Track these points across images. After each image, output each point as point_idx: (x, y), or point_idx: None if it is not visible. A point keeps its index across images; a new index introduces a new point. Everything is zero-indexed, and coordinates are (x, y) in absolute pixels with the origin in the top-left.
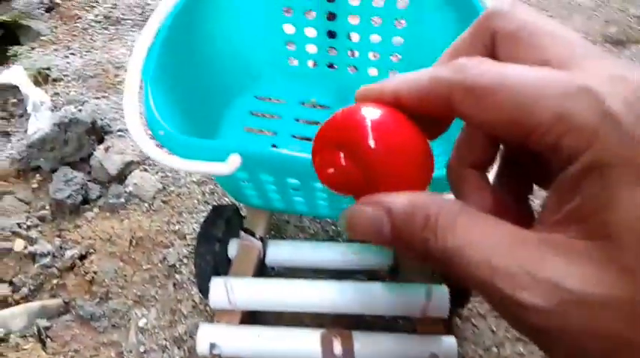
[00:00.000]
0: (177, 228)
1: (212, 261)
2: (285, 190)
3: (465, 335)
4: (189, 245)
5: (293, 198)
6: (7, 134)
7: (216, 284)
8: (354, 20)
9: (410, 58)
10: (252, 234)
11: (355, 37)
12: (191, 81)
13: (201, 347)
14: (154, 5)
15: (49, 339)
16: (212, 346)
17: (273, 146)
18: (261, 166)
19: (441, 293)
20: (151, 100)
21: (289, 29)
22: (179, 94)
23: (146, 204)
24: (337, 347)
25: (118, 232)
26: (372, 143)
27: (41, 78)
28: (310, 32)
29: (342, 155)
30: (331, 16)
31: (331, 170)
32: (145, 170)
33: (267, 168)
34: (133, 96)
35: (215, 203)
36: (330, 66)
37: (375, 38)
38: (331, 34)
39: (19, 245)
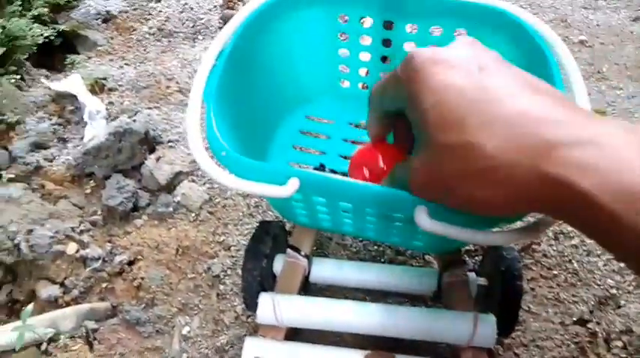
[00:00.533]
0: (222, 239)
1: (258, 276)
2: (336, 212)
3: None
4: (233, 256)
5: (342, 220)
6: (64, 140)
7: (264, 300)
8: (409, 47)
9: None
10: (298, 251)
11: None
12: (247, 101)
13: None
14: (205, 19)
15: (96, 341)
16: None
17: (322, 165)
18: (317, 191)
19: (489, 323)
20: (214, 121)
21: (344, 52)
22: (235, 114)
23: (193, 214)
24: None
25: (165, 240)
26: (381, 164)
27: (97, 87)
28: (364, 56)
29: (366, 171)
30: (387, 43)
31: (360, 180)
32: (193, 181)
33: (323, 193)
34: (195, 116)
35: (259, 216)
36: None
37: None
38: (384, 59)
39: (71, 248)
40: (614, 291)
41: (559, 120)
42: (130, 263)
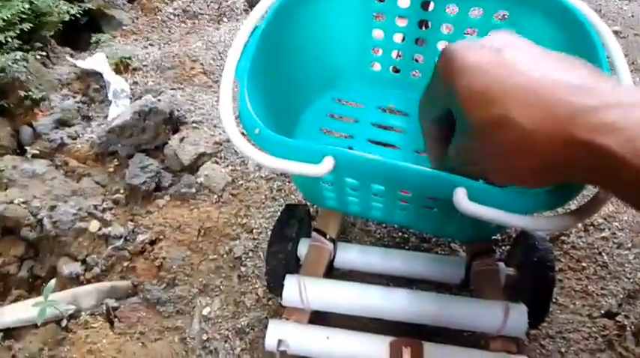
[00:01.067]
0: (244, 221)
1: (283, 259)
2: (366, 195)
3: (532, 356)
4: (255, 239)
5: (372, 204)
6: (88, 118)
7: (290, 282)
8: (446, 29)
9: None
10: (324, 235)
11: (444, 46)
12: (277, 81)
13: (270, 341)
14: (230, 2)
15: (116, 319)
16: (280, 342)
17: (350, 149)
18: (353, 170)
19: (520, 312)
20: (247, 99)
21: (378, 34)
22: (265, 93)
23: (215, 196)
24: (406, 357)
25: (187, 221)
26: None
27: (122, 66)
28: (398, 38)
29: None
30: (423, 24)
31: None
32: (216, 162)
33: (359, 173)
34: (228, 92)
35: (282, 200)
36: (413, 73)
37: None
38: (419, 42)
39: (94, 226)
40: None
41: (585, 87)
42: (152, 242)
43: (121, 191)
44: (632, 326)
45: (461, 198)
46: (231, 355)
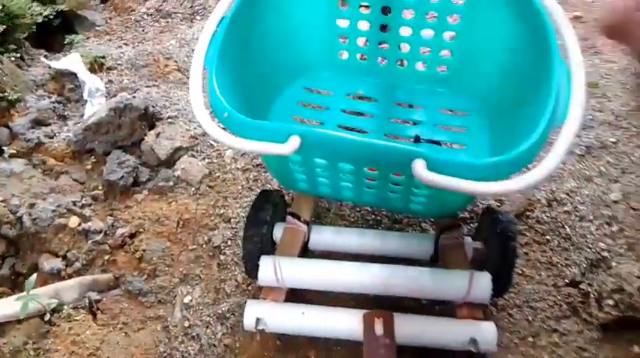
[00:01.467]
0: (222, 211)
1: (259, 243)
2: (335, 175)
3: (500, 325)
4: (233, 228)
5: (341, 184)
6: (64, 117)
7: (265, 262)
8: (408, 14)
9: (461, 54)
10: (298, 218)
11: (407, 31)
12: (247, 70)
13: (248, 321)
14: (202, 0)
15: (99, 311)
16: (258, 321)
17: None
18: (318, 149)
19: (483, 279)
20: (216, 85)
21: (343, 23)
22: (235, 83)
23: (193, 188)
24: (379, 328)
25: (165, 213)
26: None
27: (96, 66)
28: (363, 25)
29: None
30: (386, 10)
31: None
32: (193, 156)
33: (324, 151)
34: (198, 80)
35: (259, 189)
36: (380, 60)
37: (428, 33)
38: (383, 28)
39: (73, 222)
40: (605, 254)
41: None
42: (132, 236)
43: (100, 187)
44: (595, 293)
45: (420, 168)
46: (212, 340)
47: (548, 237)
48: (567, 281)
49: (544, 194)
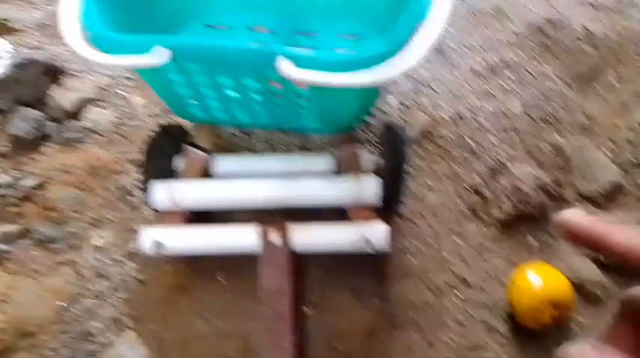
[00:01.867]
0: (132, 157)
1: (158, 174)
2: (221, 93)
3: (405, 232)
4: None
5: (231, 105)
6: None
7: (159, 186)
8: None
9: None
10: (198, 148)
11: None
12: (140, 7)
13: (145, 245)
14: None
15: (10, 262)
16: (157, 245)
17: None
18: (190, 57)
19: (371, 182)
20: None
21: None
22: (126, 21)
23: (103, 139)
24: (275, 237)
25: (75, 164)
26: None
27: (4, 30)
28: None
29: None
30: None
31: None
32: (102, 107)
33: (196, 60)
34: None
35: None
36: None
37: None
38: None
39: None
40: (505, 161)
41: None
42: (40, 187)
43: (5, 144)
44: (494, 195)
45: (285, 65)
46: (124, 276)
47: (452, 152)
48: (470, 188)
49: (448, 112)
